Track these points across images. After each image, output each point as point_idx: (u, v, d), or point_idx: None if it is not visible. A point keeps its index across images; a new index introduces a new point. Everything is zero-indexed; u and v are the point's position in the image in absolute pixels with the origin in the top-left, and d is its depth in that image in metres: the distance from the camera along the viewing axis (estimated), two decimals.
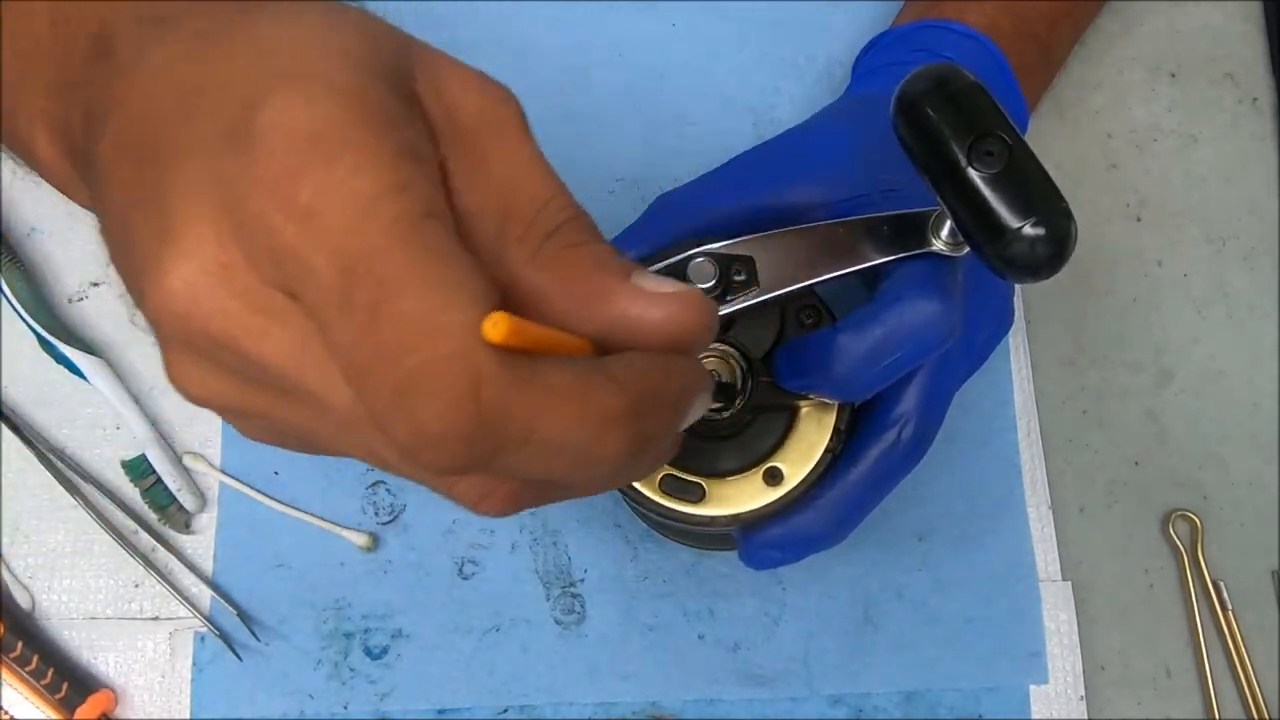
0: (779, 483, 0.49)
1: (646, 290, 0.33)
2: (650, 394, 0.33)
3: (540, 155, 0.35)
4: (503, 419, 0.29)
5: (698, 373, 0.35)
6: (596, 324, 0.33)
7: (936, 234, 0.46)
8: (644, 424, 0.32)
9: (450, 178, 0.34)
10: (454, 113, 0.34)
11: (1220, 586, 0.60)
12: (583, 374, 0.31)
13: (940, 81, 0.41)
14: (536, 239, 0.33)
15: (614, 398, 0.31)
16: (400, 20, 0.68)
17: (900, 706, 0.59)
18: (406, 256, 0.29)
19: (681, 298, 0.34)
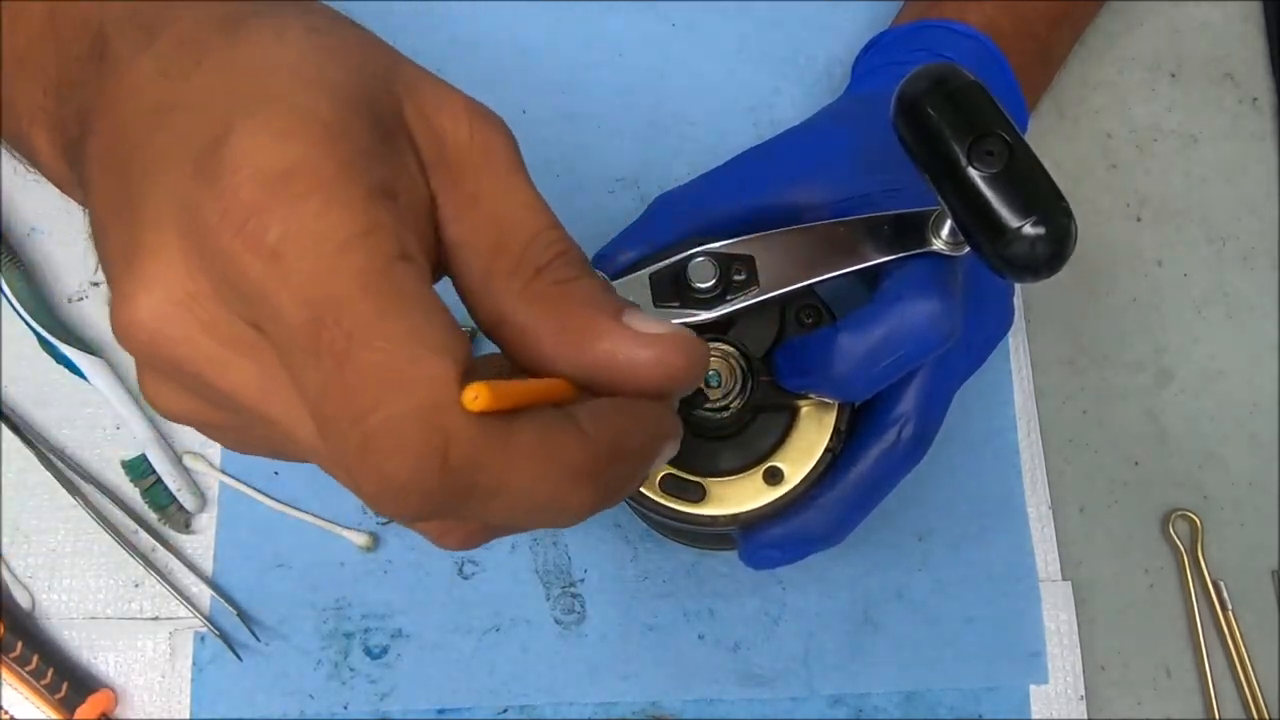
0: (779, 482, 0.49)
1: (636, 331, 0.33)
2: (618, 446, 0.32)
3: (531, 187, 0.35)
4: (469, 476, 0.29)
5: (667, 420, 0.35)
6: (584, 363, 0.33)
7: (936, 234, 0.46)
8: (610, 475, 0.32)
9: (440, 208, 0.33)
10: (443, 142, 0.34)
11: (1220, 586, 0.60)
12: (550, 429, 0.31)
13: (940, 81, 0.41)
14: (526, 274, 0.33)
15: (581, 452, 0.31)
16: (401, 20, 0.69)
17: (900, 706, 0.59)
18: (374, 306, 0.28)
19: (670, 339, 0.33)
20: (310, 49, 0.32)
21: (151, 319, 0.30)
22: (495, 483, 0.30)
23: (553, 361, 0.33)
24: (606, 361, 0.33)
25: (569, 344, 0.33)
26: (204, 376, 0.31)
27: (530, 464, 0.30)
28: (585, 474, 0.31)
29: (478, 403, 0.28)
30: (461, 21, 0.68)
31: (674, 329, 0.34)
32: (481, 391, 0.28)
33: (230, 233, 0.29)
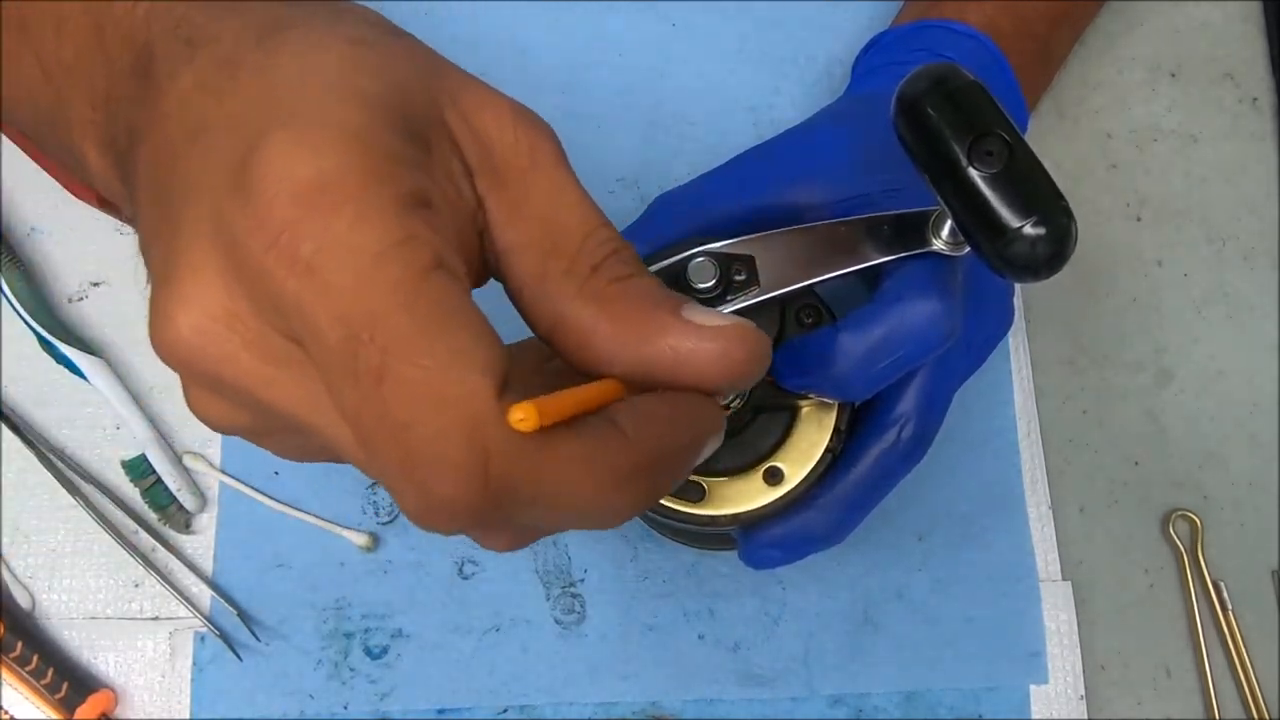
0: (779, 482, 0.49)
1: (700, 324, 0.33)
2: (662, 447, 0.32)
3: (579, 186, 0.35)
4: (511, 489, 0.29)
5: (712, 413, 0.35)
6: (644, 359, 0.33)
7: (937, 234, 0.46)
8: (655, 476, 0.32)
9: (488, 212, 0.33)
10: (489, 146, 0.34)
11: (1220, 586, 0.60)
12: (595, 437, 0.31)
13: (940, 81, 0.41)
14: (583, 273, 0.33)
15: (624, 457, 0.31)
16: (402, 20, 0.68)
17: (900, 706, 0.59)
18: (410, 320, 0.28)
19: (735, 330, 0.33)
20: (346, 59, 0.32)
21: (192, 336, 0.30)
22: (538, 493, 0.30)
23: (612, 360, 0.33)
24: (668, 357, 0.33)
25: (630, 341, 0.33)
26: (249, 391, 0.31)
27: (573, 473, 0.30)
28: (628, 478, 0.31)
29: (525, 424, 0.28)
30: (461, 21, 0.68)
31: (736, 321, 0.34)
32: (529, 413, 0.28)
33: (264, 248, 0.29)
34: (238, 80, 0.32)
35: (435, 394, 0.28)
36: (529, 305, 0.34)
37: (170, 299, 0.30)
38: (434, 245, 0.29)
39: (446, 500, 0.28)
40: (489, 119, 0.34)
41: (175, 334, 0.30)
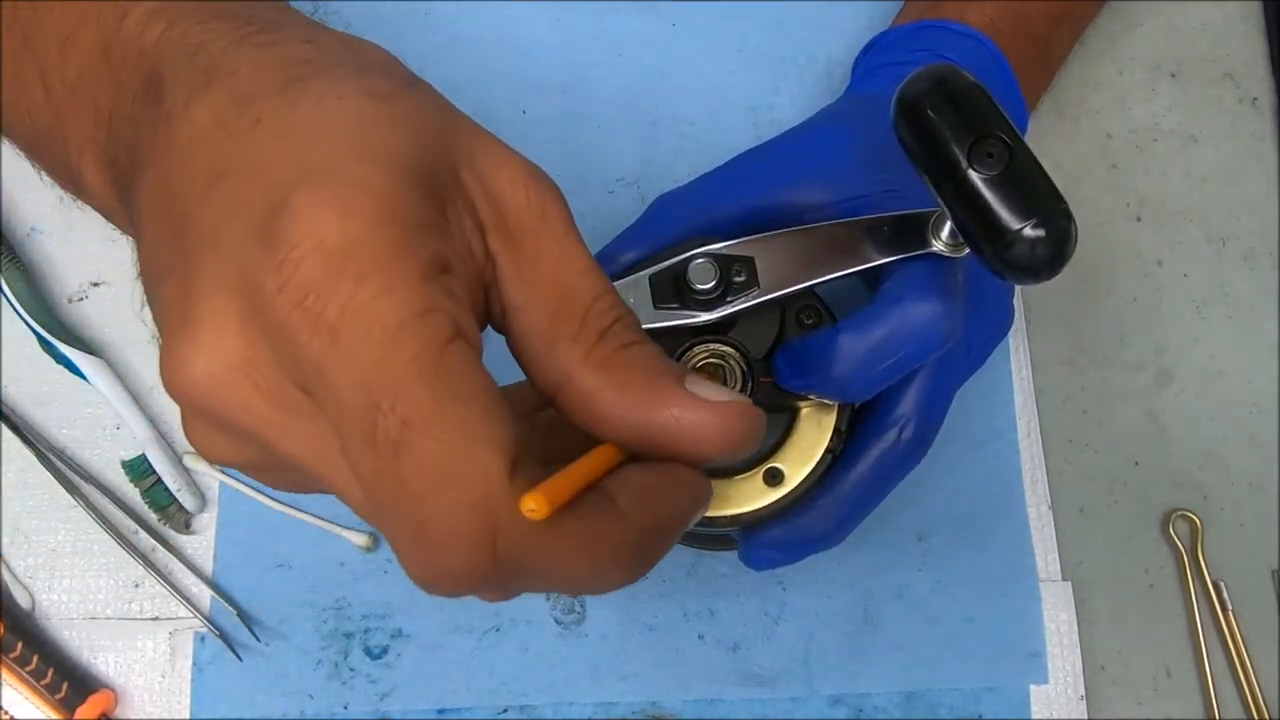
0: (779, 483, 0.49)
1: (703, 399, 0.34)
2: (657, 523, 0.33)
3: (586, 251, 0.36)
4: (515, 564, 0.30)
5: (703, 488, 0.36)
6: (647, 426, 0.34)
7: (937, 235, 0.46)
8: (649, 550, 0.33)
9: (498, 269, 0.34)
10: (501, 206, 0.34)
11: (1220, 586, 0.60)
12: (594, 515, 0.31)
13: (940, 82, 0.41)
14: (590, 339, 0.34)
15: (622, 535, 0.32)
16: (402, 20, 0.69)
17: (900, 706, 0.59)
18: (430, 395, 0.29)
19: (734, 407, 0.34)
20: (368, 115, 0.33)
21: (207, 381, 0.31)
22: (540, 567, 0.30)
23: (614, 425, 0.34)
24: (671, 427, 0.34)
25: (635, 409, 0.34)
26: (259, 437, 0.32)
27: (574, 550, 0.31)
28: (626, 553, 0.32)
29: (536, 514, 0.29)
30: (461, 21, 0.68)
31: (735, 397, 0.34)
32: (540, 503, 0.29)
33: (289, 306, 0.29)
34: (259, 125, 0.32)
35: (451, 469, 0.29)
36: (534, 363, 0.35)
37: (187, 343, 0.31)
38: (453, 315, 0.30)
39: (452, 571, 0.29)
40: (503, 178, 0.35)
41: (190, 378, 0.31)
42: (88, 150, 0.38)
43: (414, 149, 0.32)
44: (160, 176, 0.33)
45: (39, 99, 0.39)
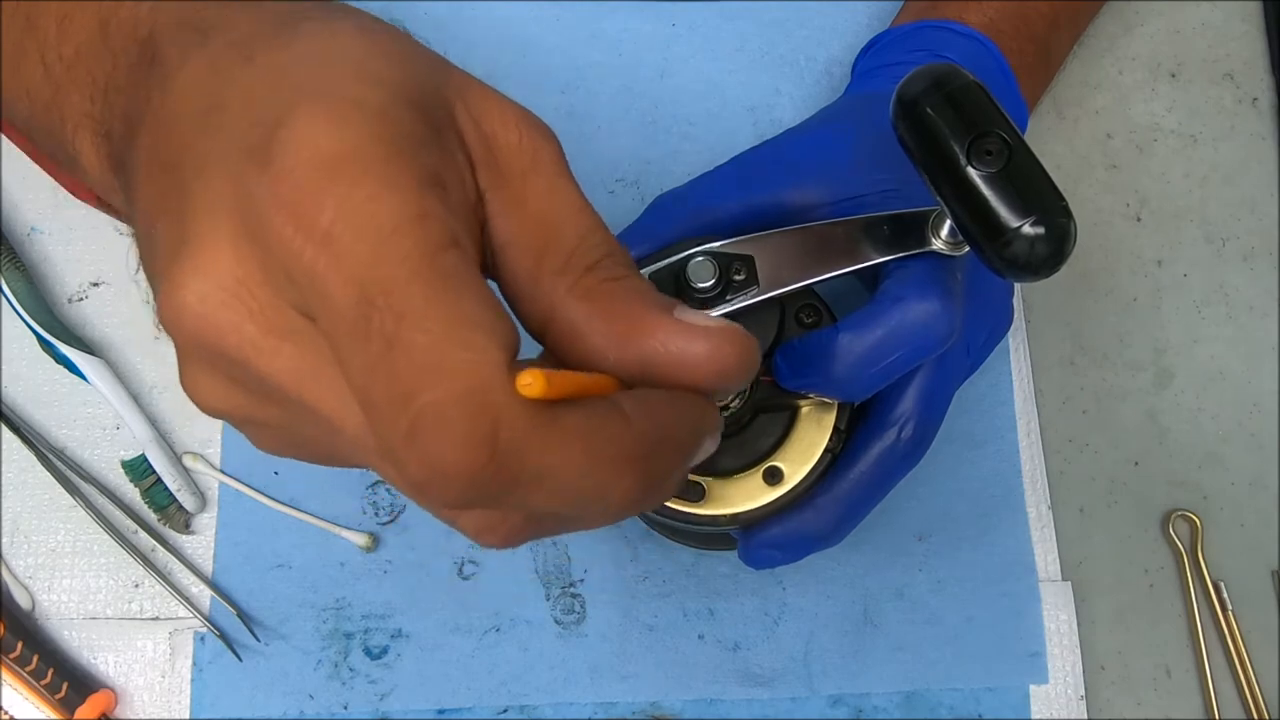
0: (779, 482, 0.49)
1: (691, 324, 0.33)
2: (662, 435, 0.32)
3: (578, 190, 0.35)
4: (517, 460, 0.29)
5: (709, 412, 0.35)
6: (636, 357, 0.33)
7: (936, 234, 0.46)
8: (654, 464, 0.32)
9: (487, 204, 0.34)
10: (493, 145, 0.34)
11: (1220, 586, 0.60)
12: (596, 415, 0.31)
13: (939, 81, 0.41)
14: (576, 271, 0.33)
15: (626, 438, 0.31)
16: (402, 20, 0.69)
17: (900, 706, 0.59)
18: (424, 290, 0.29)
19: (725, 331, 0.33)
20: (364, 46, 0.33)
21: (200, 305, 0.30)
22: (542, 467, 0.30)
23: (604, 357, 0.33)
24: (659, 356, 0.33)
25: (621, 339, 0.33)
26: (251, 364, 0.31)
27: (577, 448, 0.30)
28: (630, 460, 0.31)
29: (532, 389, 0.28)
30: (461, 21, 0.68)
31: (726, 323, 0.34)
32: (536, 378, 0.28)
33: (283, 216, 0.29)
34: (254, 61, 0.32)
35: (446, 360, 0.28)
36: (522, 301, 0.34)
37: (181, 268, 0.31)
38: (448, 223, 0.30)
39: (451, 468, 0.28)
40: (495, 118, 0.34)
41: (183, 301, 0.31)
42: (84, 125, 0.38)
43: (409, 77, 0.32)
44: (155, 128, 0.33)
45: (38, 78, 0.39)
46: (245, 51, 0.33)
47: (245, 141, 0.30)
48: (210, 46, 0.33)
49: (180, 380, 0.34)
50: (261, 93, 0.31)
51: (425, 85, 0.33)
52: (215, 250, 0.30)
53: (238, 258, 0.30)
